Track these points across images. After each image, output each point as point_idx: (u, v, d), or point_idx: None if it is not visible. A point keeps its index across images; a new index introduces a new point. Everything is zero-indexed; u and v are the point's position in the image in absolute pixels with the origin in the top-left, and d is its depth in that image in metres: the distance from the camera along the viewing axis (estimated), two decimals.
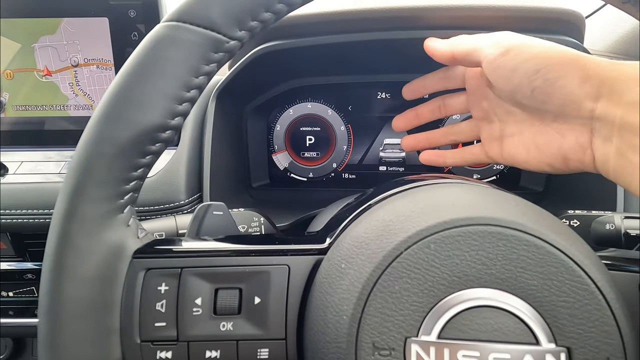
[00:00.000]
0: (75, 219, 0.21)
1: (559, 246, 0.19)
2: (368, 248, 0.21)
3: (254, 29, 0.23)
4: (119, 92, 0.21)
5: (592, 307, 0.19)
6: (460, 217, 0.20)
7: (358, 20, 0.45)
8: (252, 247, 0.24)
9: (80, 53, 0.47)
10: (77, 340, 0.21)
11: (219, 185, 0.49)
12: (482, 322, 0.19)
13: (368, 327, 0.19)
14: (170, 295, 0.22)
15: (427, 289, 0.19)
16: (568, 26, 0.41)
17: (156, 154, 0.23)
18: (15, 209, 0.45)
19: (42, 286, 0.21)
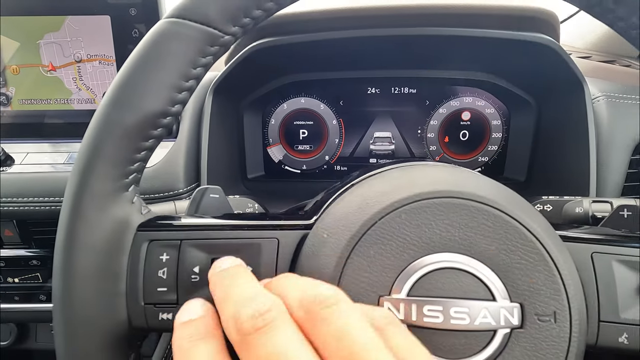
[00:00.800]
0: (86, 194, 0.23)
1: (513, 215, 0.22)
2: (347, 219, 0.23)
3: (247, 25, 0.25)
4: (125, 81, 0.24)
5: (541, 268, 0.22)
6: (428, 191, 0.23)
7: (348, 18, 0.47)
8: (245, 222, 0.27)
9: (84, 49, 0.49)
10: (88, 302, 0.23)
11: (215, 176, 0.51)
12: (446, 282, 0.22)
13: (346, 287, 0.22)
14: (171, 264, 0.25)
15: (398, 253, 0.22)
16: (543, 24, 0.43)
17: (158, 139, 0.26)
18: (21, 197, 0.47)
19: (56, 254, 0.24)
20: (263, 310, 0.18)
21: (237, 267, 0.23)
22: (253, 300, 0.18)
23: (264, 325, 0.17)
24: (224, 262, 0.23)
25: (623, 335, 0.24)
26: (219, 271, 0.22)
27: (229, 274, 0.22)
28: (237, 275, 0.21)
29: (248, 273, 0.22)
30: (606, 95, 0.50)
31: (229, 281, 0.21)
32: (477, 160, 0.61)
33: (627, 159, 0.48)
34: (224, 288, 0.21)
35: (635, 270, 0.24)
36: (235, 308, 0.18)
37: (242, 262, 0.24)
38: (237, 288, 0.20)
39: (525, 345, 0.21)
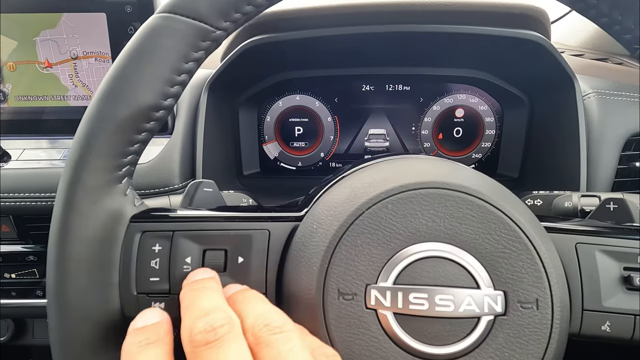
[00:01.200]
0: (79, 186, 0.24)
1: (497, 206, 0.23)
2: (336, 210, 0.24)
3: (238, 20, 0.26)
4: (117, 75, 0.24)
5: (524, 256, 0.22)
6: (414, 182, 0.23)
7: (343, 15, 0.48)
8: (237, 214, 0.27)
9: (80, 46, 0.49)
10: (81, 292, 0.24)
11: (211, 173, 0.52)
12: (431, 270, 0.22)
13: (334, 275, 0.22)
14: (163, 255, 0.25)
15: (385, 242, 0.23)
16: (533, 21, 0.44)
17: (151, 132, 0.26)
18: (17, 193, 0.47)
19: (50, 245, 0.24)
20: (216, 325, 0.19)
21: (209, 280, 0.23)
22: (209, 314, 0.20)
23: (215, 340, 0.19)
24: (197, 274, 0.24)
25: (606, 324, 0.24)
26: (191, 282, 0.23)
27: (198, 286, 0.23)
28: (204, 289, 0.22)
29: (216, 287, 0.23)
30: (597, 92, 0.50)
31: (196, 293, 0.22)
32: (470, 157, 0.62)
33: (617, 155, 0.48)
34: (190, 299, 0.22)
35: (617, 260, 0.25)
36: (192, 319, 0.20)
37: (216, 276, 0.24)
38: (200, 300, 0.21)
39: (508, 332, 0.22)
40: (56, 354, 0.24)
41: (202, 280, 0.23)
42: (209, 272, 0.24)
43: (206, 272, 0.24)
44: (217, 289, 0.23)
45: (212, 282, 0.23)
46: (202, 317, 0.19)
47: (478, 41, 0.48)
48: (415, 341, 0.22)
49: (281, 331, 0.20)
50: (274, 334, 0.19)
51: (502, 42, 0.47)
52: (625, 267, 0.25)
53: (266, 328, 0.20)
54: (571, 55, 0.66)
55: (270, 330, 0.20)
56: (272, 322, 0.20)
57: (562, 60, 0.46)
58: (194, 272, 0.24)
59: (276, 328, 0.20)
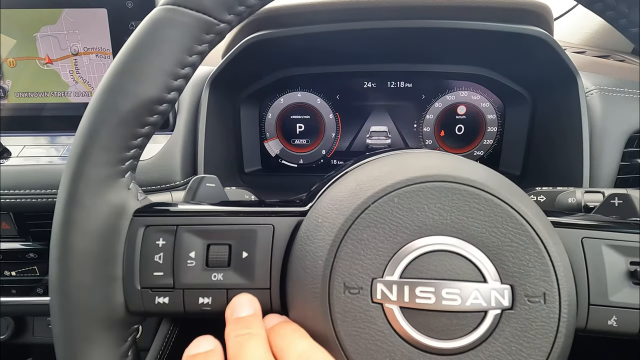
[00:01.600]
0: (82, 180, 0.24)
1: (504, 199, 0.23)
2: (341, 204, 0.24)
3: (242, 13, 0.26)
4: (121, 67, 0.24)
5: (532, 250, 0.22)
6: (421, 175, 0.23)
7: (344, 11, 0.48)
8: (241, 208, 0.27)
9: (80, 42, 0.49)
10: (84, 285, 0.23)
11: (212, 169, 0.52)
12: (438, 264, 0.22)
13: (340, 269, 0.22)
14: (167, 249, 0.25)
15: (391, 236, 0.22)
16: (536, 17, 0.44)
17: (154, 125, 0.26)
18: (18, 190, 0.47)
19: (53, 239, 0.24)
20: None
21: (252, 320, 0.23)
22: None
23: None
24: (241, 307, 0.24)
25: (612, 318, 0.24)
26: (235, 319, 0.23)
27: (243, 328, 0.23)
28: (250, 335, 0.22)
29: (260, 329, 0.23)
30: (600, 88, 0.50)
31: (242, 339, 0.22)
32: (472, 154, 0.62)
33: (620, 151, 0.48)
34: (237, 346, 0.22)
35: (624, 255, 0.25)
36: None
37: (258, 309, 0.24)
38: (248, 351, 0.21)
39: (515, 326, 0.21)
40: (59, 347, 0.24)
41: (247, 322, 0.23)
42: (252, 304, 0.24)
43: (249, 305, 0.24)
44: (263, 336, 0.22)
45: (257, 324, 0.23)
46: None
47: (480, 37, 0.48)
48: (421, 335, 0.21)
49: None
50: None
51: (504, 38, 0.47)
52: (632, 261, 0.25)
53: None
54: (573, 52, 0.66)
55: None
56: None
57: (565, 57, 0.46)
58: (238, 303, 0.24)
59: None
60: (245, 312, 0.24)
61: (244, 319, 0.23)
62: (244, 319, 0.23)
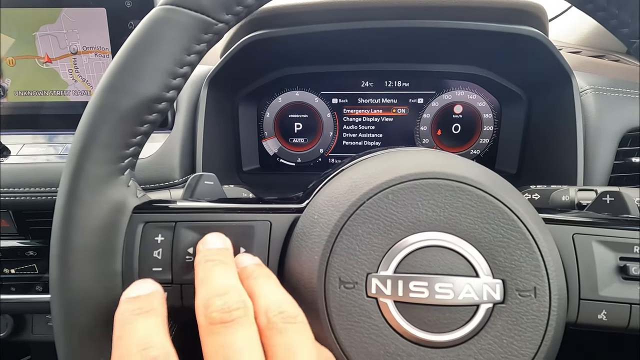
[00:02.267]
0: (82, 177, 0.24)
1: (496, 196, 0.23)
2: (337, 200, 0.24)
3: (240, 13, 0.26)
4: (120, 66, 0.24)
5: (523, 246, 0.23)
6: (415, 172, 0.23)
7: (342, 10, 0.48)
8: (239, 205, 0.27)
9: (79, 41, 0.49)
10: (84, 281, 0.24)
11: (211, 168, 0.52)
12: (431, 259, 0.23)
13: (335, 264, 0.23)
14: (166, 245, 0.25)
15: (385, 232, 0.23)
16: (531, 17, 0.44)
17: (153, 124, 0.26)
18: (17, 188, 0.47)
19: (53, 236, 0.24)
20: (232, 308, 0.20)
21: (223, 251, 0.24)
22: (227, 294, 0.20)
23: (230, 321, 0.19)
24: (213, 240, 0.24)
25: (602, 312, 0.25)
26: (207, 249, 0.24)
27: (214, 256, 0.23)
28: (220, 263, 0.23)
29: (231, 263, 0.23)
30: (594, 88, 0.51)
31: (211, 264, 0.22)
32: (469, 153, 0.62)
33: (614, 150, 0.49)
34: (206, 270, 0.22)
35: (614, 250, 0.25)
36: (208, 295, 0.20)
37: (230, 246, 0.25)
38: (215, 276, 0.22)
39: (507, 320, 0.22)
40: (59, 342, 0.24)
41: (218, 251, 0.24)
42: (224, 240, 0.25)
43: (221, 241, 0.25)
44: (232, 265, 0.23)
45: (227, 252, 0.24)
46: (218, 296, 0.20)
47: (476, 37, 0.48)
48: (415, 328, 0.22)
49: (295, 322, 0.20)
50: (287, 322, 0.20)
51: (500, 38, 0.47)
52: (621, 257, 0.25)
53: (281, 315, 0.20)
54: (568, 52, 0.67)
55: (285, 318, 0.20)
56: (287, 311, 0.20)
57: (559, 57, 0.47)
58: (210, 236, 0.25)
59: (290, 317, 0.20)
60: (219, 245, 0.24)
61: (217, 249, 0.24)
62: (216, 250, 0.23)
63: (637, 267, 0.25)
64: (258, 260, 0.25)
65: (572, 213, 0.31)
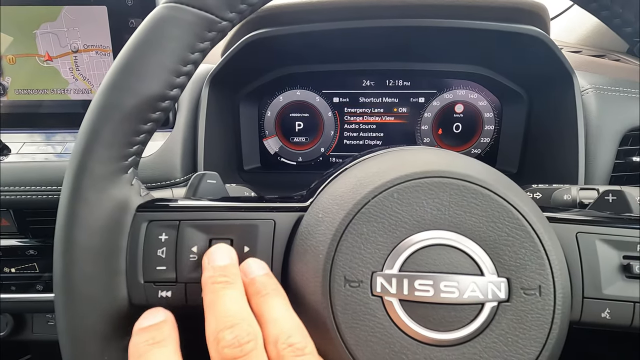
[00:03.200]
0: (86, 175, 0.24)
1: (501, 194, 0.23)
2: (342, 199, 0.24)
3: (244, 11, 0.26)
4: (124, 64, 0.24)
5: (528, 244, 0.23)
6: (420, 171, 0.23)
7: (343, 9, 0.48)
8: (243, 204, 0.27)
9: (80, 39, 0.49)
10: (88, 280, 0.24)
11: (212, 167, 0.52)
12: (436, 258, 0.23)
13: (340, 263, 0.23)
14: (170, 244, 0.25)
15: (390, 230, 0.23)
16: (533, 16, 0.44)
17: (156, 122, 0.26)
18: (17, 187, 0.47)
19: (57, 234, 0.24)
20: (243, 341, 0.20)
21: (229, 268, 0.24)
22: (236, 326, 0.21)
23: (242, 356, 0.20)
24: (219, 256, 0.24)
25: (605, 311, 0.25)
26: (213, 267, 0.24)
27: (220, 276, 0.23)
28: (227, 282, 0.23)
29: (237, 279, 0.23)
30: (595, 87, 0.51)
31: (219, 287, 0.22)
32: (470, 152, 0.62)
33: (615, 149, 0.49)
34: (214, 293, 0.22)
35: (617, 249, 0.25)
36: (219, 327, 0.21)
37: (235, 259, 0.25)
38: (225, 300, 0.22)
39: (511, 318, 0.22)
40: (63, 341, 0.24)
41: (224, 270, 0.23)
42: (230, 253, 0.25)
43: (226, 256, 0.24)
44: (239, 285, 0.23)
45: (234, 273, 0.23)
46: (228, 329, 0.20)
47: (477, 36, 0.48)
48: (420, 327, 0.22)
49: (303, 354, 0.21)
50: (296, 356, 0.20)
51: (501, 37, 0.47)
52: (625, 255, 0.25)
53: (290, 348, 0.21)
54: (570, 51, 0.67)
55: (294, 351, 0.21)
56: (296, 343, 0.21)
57: (561, 56, 0.47)
58: (215, 250, 0.24)
59: (299, 350, 0.21)
60: (224, 261, 0.24)
61: (222, 267, 0.24)
62: (221, 267, 0.23)
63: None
64: (266, 269, 0.25)
65: (575, 212, 0.31)
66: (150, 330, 0.22)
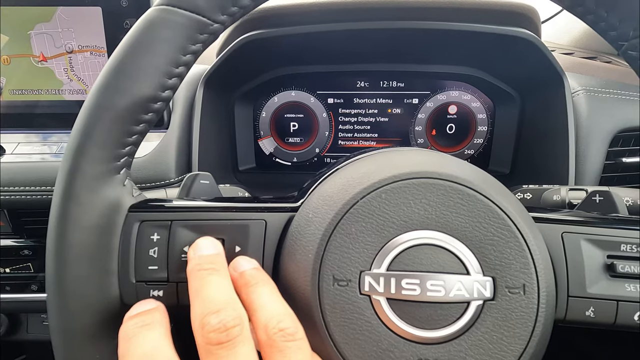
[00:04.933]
0: (78, 175, 0.24)
1: (487, 195, 0.23)
2: (331, 199, 0.25)
3: (235, 14, 0.26)
4: (116, 66, 0.25)
5: (512, 244, 0.23)
6: (407, 172, 0.24)
7: (337, 11, 0.48)
8: (234, 204, 0.28)
9: (75, 40, 0.49)
10: (80, 279, 0.24)
11: (207, 167, 0.52)
12: (423, 257, 0.23)
13: (329, 262, 0.23)
14: (162, 244, 0.26)
15: (378, 230, 0.23)
16: (524, 19, 0.45)
17: (149, 123, 0.26)
18: (12, 187, 0.47)
19: (49, 234, 0.24)
20: (229, 326, 0.20)
21: (216, 257, 0.24)
22: (222, 310, 0.20)
23: (227, 341, 0.20)
24: (205, 246, 0.24)
25: (590, 309, 0.25)
26: (199, 255, 0.24)
27: (206, 266, 0.23)
28: (213, 272, 0.23)
29: (223, 268, 0.23)
30: (586, 89, 0.51)
31: (204, 273, 0.23)
32: (463, 153, 0.63)
33: (605, 150, 0.49)
34: (199, 279, 0.22)
35: (601, 249, 0.26)
36: (204, 312, 0.20)
37: (221, 250, 0.25)
38: (209, 288, 0.22)
39: (496, 316, 0.22)
40: (56, 340, 0.24)
41: (211, 257, 0.24)
42: (216, 245, 0.25)
43: (212, 246, 0.24)
44: (225, 273, 0.23)
45: (220, 262, 0.24)
46: (213, 313, 0.20)
47: (470, 38, 0.49)
48: (407, 325, 0.22)
49: (294, 339, 0.21)
50: (287, 340, 0.20)
51: (493, 40, 0.48)
52: (609, 255, 0.26)
53: (280, 333, 0.20)
54: (561, 53, 0.67)
55: (284, 336, 0.20)
56: (287, 328, 0.21)
57: (552, 58, 0.48)
58: (202, 241, 0.25)
59: (289, 335, 0.21)
60: (210, 251, 0.24)
61: (208, 255, 0.24)
62: (207, 256, 0.23)
63: (623, 264, 0.25)
64: (255, 264, 0.25)
65: (562, 212, 0.31)
66: (140, 315, 0.22)
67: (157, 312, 0.23)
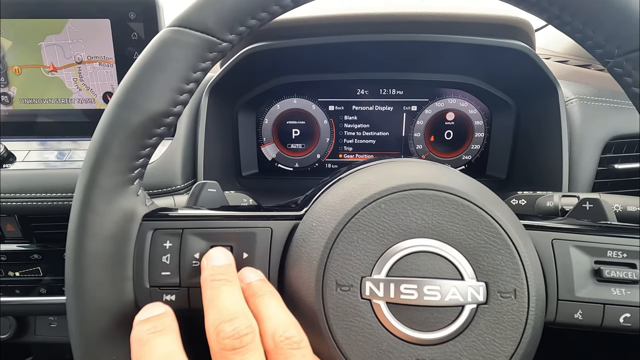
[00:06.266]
0: (95, 188, 0.26)
1: (480, 205, 0.25)
2: (334, 209, 0.26)
3: (243, 33, 0.28)
4: (131, 84, 0.26)
5: (504, 251, 0.25)
6: (405, 183, 0.25)
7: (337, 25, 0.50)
8: (242, 213, 0.29)
9: (84, 51, 0.51)
10: (98, 285, 0.26)
11: (211, 173, 0.54)
12: (420, 264, 0.24)
13: (332, 269, 0.25)
14: (174, 251, 0.27)
15: (378, 239, 0.25)
16: (518, 32, 0.47)
17: (161, 136, 0.28)
18: (22, 193, 0.49)
19: (69, 242, 0.26)
20: (242, 333, 0.22)
21: (227, 267, 0.26)
22: (235, 319, 0.22)
23: (241, 347, 0.21)
24: (217, 256, 0.26)
25: (578, 312, 0.27)
26: (212, 265, 0.25)
27: (219, 274, 0.25)
28: (225, 282, 0.24)
29: (235, 278, 0.25)
30: (579, 97, 0.53)
31: (218, 284, 0.24)
32: (461, 159, 0.64)
33: (598, 157, 0.51)
34: (213, 289, 0.24)
35: (589, 255, 0.27)
36: (218, 320, 0.22)
37: (232, 261, 0.26)
38: (223, 297, 0.23)
39: (489, 319, 0.24)
40: (75, 343, 0.26)
41: (223, 268, 0.25)
42: (227, 255, 0.26)
43: (224, 257, 0.26)
44: (237, 283, 0.25)
45: (231, 272, 0.25)
46: (227, 321, 0.22)
47: (467, 50, 0.51)
48: (405, 327, 0.24)
49: (299, 347, 0.22)
50: (293, 349, 0.22)
51: (489, 51, 0.49)
52: (596, 260, 0.27)
53: (287, 341, 0.22)
54: (556, 61, 0.69)
55: (290, 344, 0.22)
56: (293, 337, 0.22)
57: (545, 68, 0.49)
58: (214, 252, 0.26)
59: (295, 343, 0.22)
60: (222, 261, 0.26)
61: (221, 266, 0.25)
62: (220, 267, 0.25)
63: (610, 270, 0.27)
64: (261, 275, 0.26)
65: (553, 220, 0.33)
66: (151, 320, 0.23)
67: (167, 318, 0.24)
